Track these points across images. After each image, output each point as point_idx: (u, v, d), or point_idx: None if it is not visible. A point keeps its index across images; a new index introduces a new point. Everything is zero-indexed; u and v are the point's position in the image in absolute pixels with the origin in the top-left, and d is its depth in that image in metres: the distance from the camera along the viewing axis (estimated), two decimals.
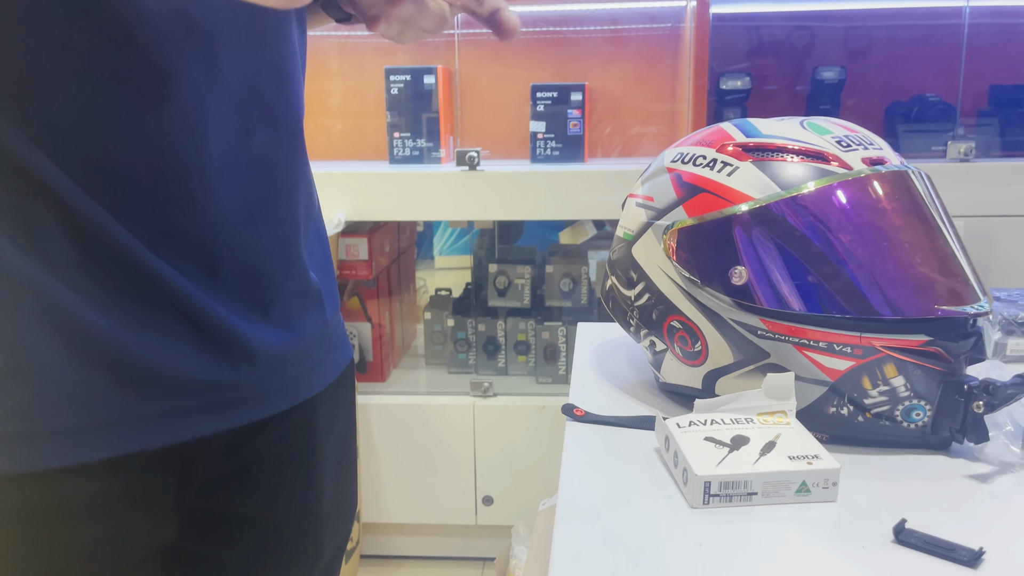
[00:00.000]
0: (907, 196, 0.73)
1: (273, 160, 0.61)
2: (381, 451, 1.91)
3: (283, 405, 0.64)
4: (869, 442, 0.73)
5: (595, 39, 2.01)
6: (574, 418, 0.81)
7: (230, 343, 0.58)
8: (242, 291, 0.59)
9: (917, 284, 0.70)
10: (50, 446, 0.51)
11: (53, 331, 0.51)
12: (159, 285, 0.54)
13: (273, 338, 0.62)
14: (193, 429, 0.57)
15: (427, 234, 2.69)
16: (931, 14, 1.93)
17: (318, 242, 0.71)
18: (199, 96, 0.54)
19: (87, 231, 0.51)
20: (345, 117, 2.09)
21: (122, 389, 0.53)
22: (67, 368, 0.51)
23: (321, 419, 0.70)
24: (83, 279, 0.52)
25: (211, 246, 0.57)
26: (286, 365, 0.64)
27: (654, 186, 0.82)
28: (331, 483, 0.72)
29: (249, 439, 0.63)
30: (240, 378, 0.60)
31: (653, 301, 0.81)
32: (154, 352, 0.54)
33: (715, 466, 0.63)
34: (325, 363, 0.70)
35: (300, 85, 0.65)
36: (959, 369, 0.70)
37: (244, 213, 0.59)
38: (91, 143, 0.51)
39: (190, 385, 0.56)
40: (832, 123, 0.79)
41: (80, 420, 0.52)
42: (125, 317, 0.53)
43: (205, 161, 0.55)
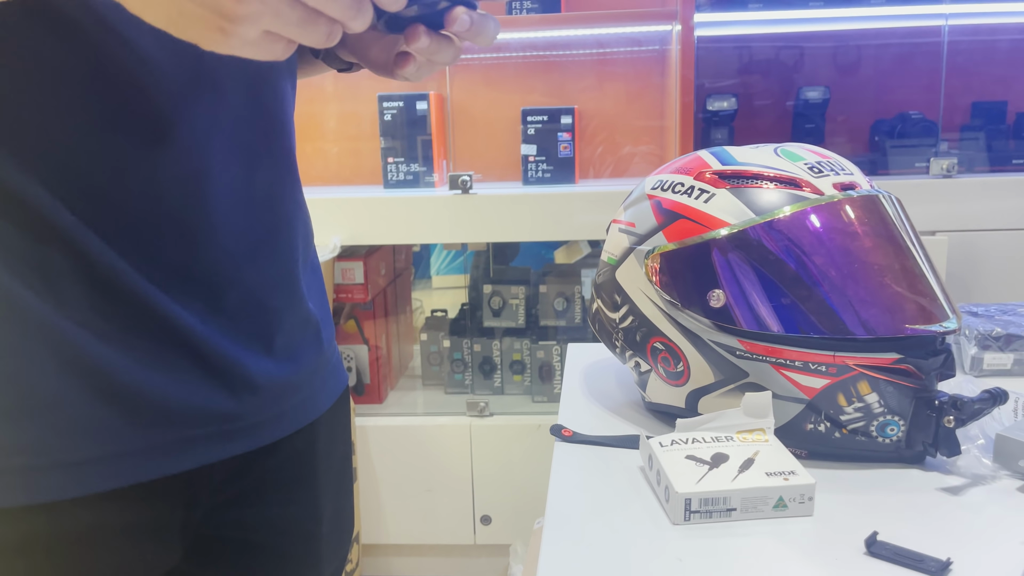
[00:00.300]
0: (877, 219, 0.76)
1: (272, 198, 0.64)
2: (380, 473, 1.93)
3: (283, 432, 0.67)
4: (846, 457, 0.75)
5: (583, 63, 2.05)
6: (562, 438, 0.83)
7: (233, 374, 0.61)
8: (245, 324, 0.62)
9: (887, 304, 0.73)
10: (61, 478, 0.53)
11: (64, 368, 0.53)
12: (165, 321, 0.57)
13: (274, 368, 0.65)
14: (199, 457, 0.60)
15: (424, 255, 2.72)
16: (911, 33, 1.97)
17: (312, 273, 0.74)
18: (202, 140, 0.57)
19: (96, 271, 0.54)
20: (341, 141, 2.13)
21: (131, 421, 0.55)
22: (78, 403, 0.54)
23: (319, 444, 0.72)
24: (93, 317, 0.54)
25: (215, 282, 0.59)
26: (286, 394, 0.66)
27: (636, 212, 0.85)
28: (330, 506, 0.75)
29: (251, 465, 0.66)
30: (243, 407, 0.62)
31: (637, 323, 0.84)
32: (161, 385, 0.57)
33: (695, 483, 0.66)
34: (322, 390, 0.72)
35: (292, 125, 0.68)
36: (930, 385, 0.72)
37: (246, 250, 0.61)
38: (100, 187, 0.53)
39: (195, 415, 0.59)
40: (805, 150, 0.82)
41: (91, 452, 0.54)
42: (133, 352, 0.55)
43: (209, 202, 0.58)
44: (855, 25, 1.97)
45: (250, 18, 0.40)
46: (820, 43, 2.03)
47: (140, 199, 0.55)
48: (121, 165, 0.54)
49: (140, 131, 0.54)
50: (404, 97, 1.91)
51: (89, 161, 0.53)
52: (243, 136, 0.61)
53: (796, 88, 1.99)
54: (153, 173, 0.55)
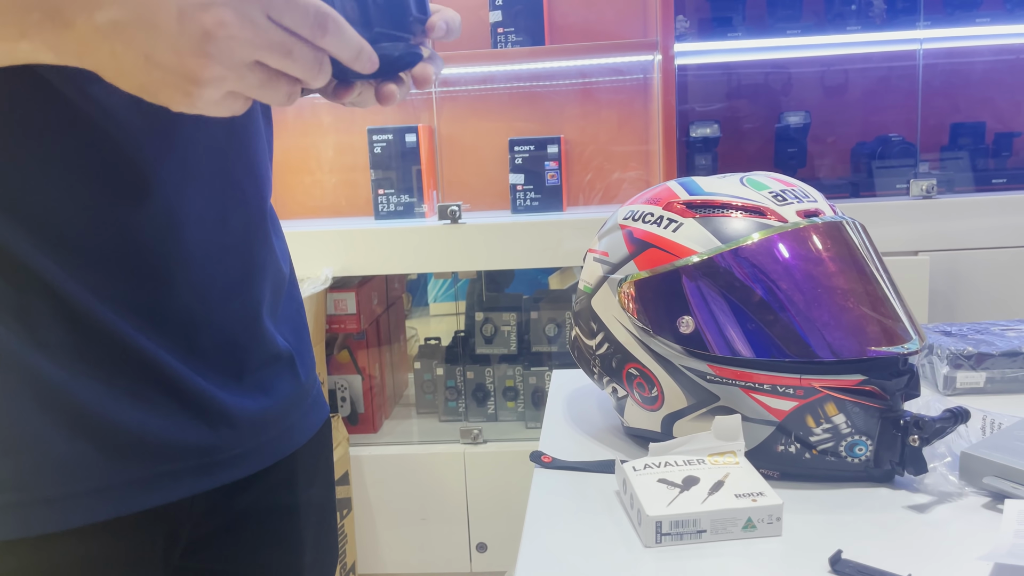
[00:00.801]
0: (841, 245, 0.79)
1: (244, 241, 0.67)
2: (375, 502, 1.94)
3: (262, 464, 0.69)
4: (818, 477, 0.77)
5: (569, 92, 2.09)
6: (542, 464, 0.85)
7: (209, 409, 0.63)
8: (217, 361, 0.64)
9: (851, 327, 0.75)
10: (44, 513, 0.55)
11: (46, 407, 0.55)
12: (142, 360, 0.59)
13: (249, 403, 0.67)
14: (179, 490, 0.61)
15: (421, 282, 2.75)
16: (888, 57, 2.02)
17: (291, 307, 0.76)
18: (176, 191, 0.59)
19: (75, 314, 0.56)
20: (334, 173, 2.17)
21: (111, 457, 0.57)
22: (60, 440, 0.56)
23: (300, 476, 0.74)
24: (71, 357, 0.56)
25: (188, 323, 0.62)
26: (263, 426, 0.68)
27: (609, 242, 0.87)
28: (311, 537, 0.76)
29: (231, 498, 0.67)
30: (221, 441, 0.64)
31: (612, 350, 0.86)
32: (139, 420, 0.59)
33: (666, 506, 0.67)
34: (302, 423, 0.74)
35: (267, 166, 0.71)
36: (895, 405, 0.74)
37: (218, 292, 0.64)
38: (79, 236, 0.56)
39: (174, 449, 0.61)
40: (771, 178, 0.84)
41: (72, 488, 0.56)
42: (112, 390, 0.58)
43: (183, 248, 0.60)
44: (834, 51, 2.01)
45: (214, 82, 0.43)
46: (801, 69, 2.07)
47: (117, 247, 0.57)
48: (99, 216, 0.56)
49: (118, 186, 0.57)
50: (394, 130, 1.94)
51: (68, 212, 0.55)
52: (217, 184, 0.63)
53: (778, 113, 2.02)
54: (130, 223, 0.57)
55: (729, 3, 1.93)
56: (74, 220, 0.56)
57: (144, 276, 0.59)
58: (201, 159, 0.62)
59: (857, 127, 2.05)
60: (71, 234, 0.56)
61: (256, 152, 0.68)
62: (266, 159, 0.70)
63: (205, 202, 0.62)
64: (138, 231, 0.58)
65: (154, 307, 0.60)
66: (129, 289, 0.58)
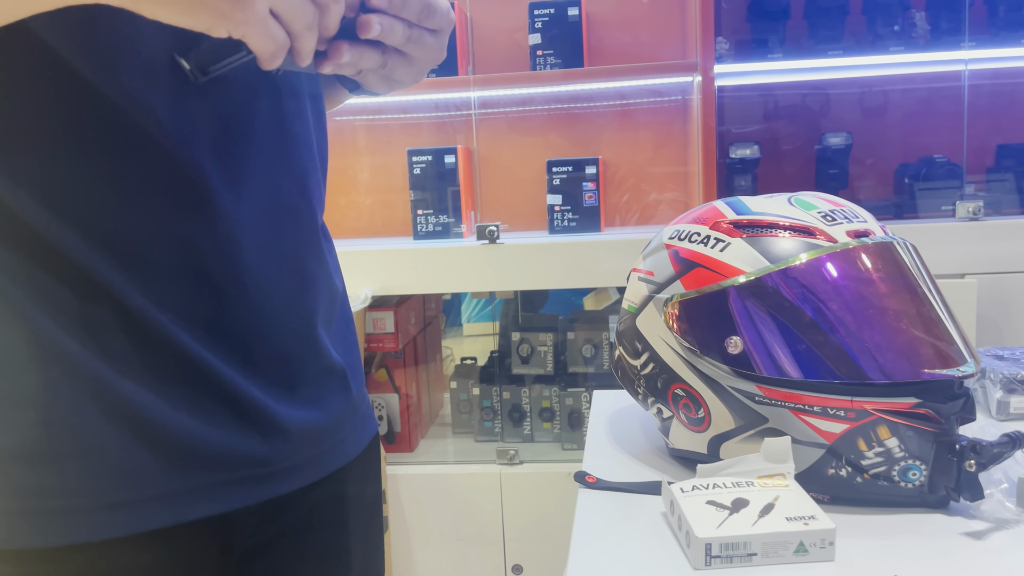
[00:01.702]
0: (892, 265, 0.78)
1: (298, 257, 0.68)
2: (410, 522, 1.94)
3: (313, 477, 0.70)
4: (869, 502, 0.76)
5: (607, 114, 2.09)
6: (586, 485, 0.84)
7: (264, 421, 0.64)
8: (271, 374, 0.65)
9: (904, 349, 0.74)
10: (106, 519, 0.56)
11: (106, 415, 0.57)
12: (200, 371, 0.60)
13: (302, 415, 0.68)
14: (233, 501, 0.63)
15: (455, 303, 2.76)
16: (932, 78, 1.99)
17: (343, 324, 0.77)
18: (233, 207, 0.61)
19: (137, 324, 0.58)
20: (373, 194, 2.19)
21: (168, 466, 0.59)
22: (118, 448, 0.57)
23: (350, 490, 0.75)
24: (133, 366, 0.58)
25: (244, 336, 0.63)
26: (315, 439, 0.69)
27: (654, 261, 0.87)
28: (360, 551, 0.77)
29: (283, 510, 0.68)
30: (275, 452, 0.65)
31: (657, 370, 0.85)
32: (197, 431, 0.60)
33: (716, 528, 0.66)
34: (352, 437, 0.75)
35: (319, 184, 0.72)
36: (950, 429, 0.73)
37: (273, 306, 0.65)
38: (143, 249, 0.58)
39: (230, 459, 0.62)
40: (819, 198, 0.84)
41: (132, 495, 0.57)
42: (172, 400, 0.59)
43: (240, 262, 0.62)
44: (876, 72, 2.00)
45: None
46: (842, 90, 2.05)
47: (178, 260, 0.59)
48: (161, 230, 0.58)
49: (179, 200, 0.58)
50: (433, 151, 1.96)
51: (131, 225, 0.57)
52: (270, 199, 0.65)
53: (819, 134, 2.01)
54: (190, 238, 0.59)
55: (769, 25, 1.93)
56: (137, 233, 0.57)
57: (203, 289, 0.60)
58: (256, 177, 0.63)
59: (900, 148, 2.03)
60: (134, 247, 0.57)
61: (307, 170, 0.69)
62: (318, 178, 0.72)
63: (260, 218, 0.64)
64: (198, 245, 0.60)
65: (211, 320, 0.61)
66: (188, 302, 0.60)
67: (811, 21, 1.93)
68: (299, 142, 0.68)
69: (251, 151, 0.63)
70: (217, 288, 0.61)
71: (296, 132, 0.68)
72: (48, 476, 0.56)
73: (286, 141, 0.67)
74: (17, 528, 0.55)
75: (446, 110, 2.13)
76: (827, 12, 1.90)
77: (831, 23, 1.90)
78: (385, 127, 2.15)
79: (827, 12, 1.90)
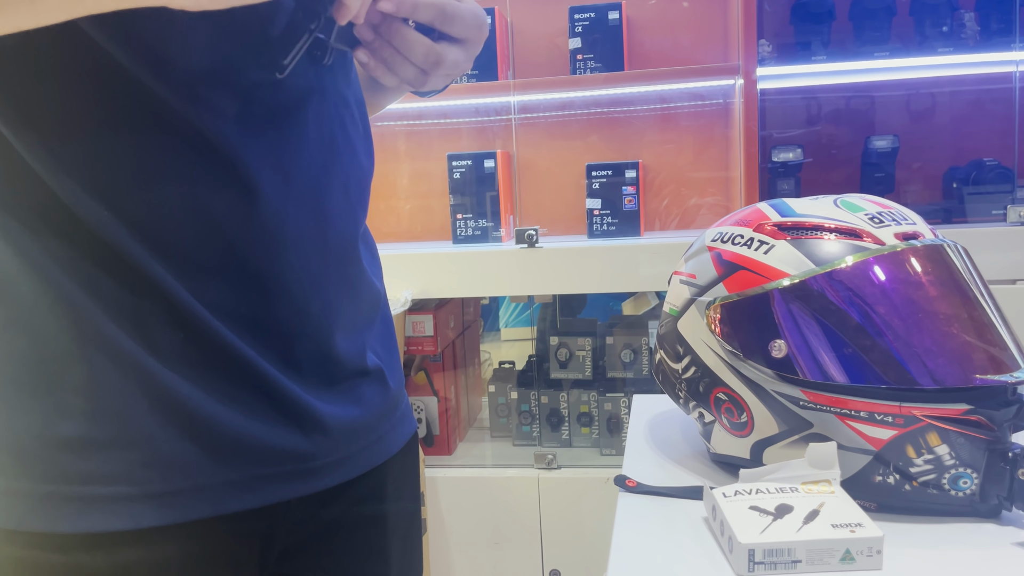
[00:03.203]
0: (942, 268, 0.76)
1: (340, 259, 0.69)
2: (448, 524, 1.95)
3: (353, 473, 0.71)
4: (918, 511, 0.74)
5: (647, 118, 2.08)
6: (626, 489, 0.84)
7: (304, 416, 0.65)
8: (311, 371, 0.66)
9: (955, 354, 0.72)
10: (149, 508, 0.58)
11: (154, 406, 0.58)
12: (243, 366, 0.62)
13: (342, 412, 0.69)
14: (275, 494, 0.64)
15: (492, 307, 2.76)
16: (982, 80, 1.95)
17: (383, 324, 0.78)
18: (278, 206, 0.62)
19: (183, 319, 0.59)
20: (412, 199, 2.21)
21: (211, 457, 0.60)
22: (165, 438, 0.59)
23: (389, 487, 0.76)
24: (179, 360, 0.59)
25: (286, 333, 0.64)
26: (355, 436, 0.70)
27: (696, 264, 0.86)
28: (398, 550, 0.77)
29: (324, 507, 0.69)
30: (315, 448, 0.66)
31: (699, 374, 0.84)
32: (240, 424, 0.61)
33: (759, 534, 0.65)
34: (390, 434, 0.76)
35: (361, 187, 0.73)
36: (1004, 437, 0.71)
37: (315, 304, 0.66)
38: (190, 246, 0.59)
39: (271, 454, 0.63)
40: (866, 200, 0.82)
41: (176, 485, 0.59)
42: (215, 394, 0.60)
43: (284, 261, 0.63)
44: (923, 74, 1.96)
45: None
46: (888, 92, 2.02)
47: (223, 257, 0.60)
48: (208, 228, 0.60)
49: (227, 198, 0.60)
50: (472, 156, 1.97)
51: (178, 222, 0.59)
52: (315, 204, 0.66)
53: (864, 137, 1.97)
54: (236, 236, 0.60)
55: (813, 27, 1.90)
56: (184, 229, 0.59)
57: (247, 286, 0.62)
58: (301, 178, 0.64)
59: (948, 151, 1.98)
60: (182, 243, 0.59)
61: (351, 174, 0.70)
62: (362, 182, 0.73)
63: (304, 219, 0.65)
64: (243, 244, 0.61)
65: (254, 316, 0.62)
66: (233, 298, 0.61)
67: (856, 23, 1.90)
68: (345, 146, 0.69)
69: (300, 153, 0.64)
70: (261, 286, 0.62)
71: (342, 136, 0.69)
72: (93, 463, 0.57)
73: (332, 144, 0.68)
74: (62, 513, 0.57)
75: (486, 115, 2.14)
76: (873, 13, 1.87)
77: (877, 24, 1.87)
78: (425, 132, 2.16)
79: (873, 13, 1.87)
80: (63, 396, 0.57)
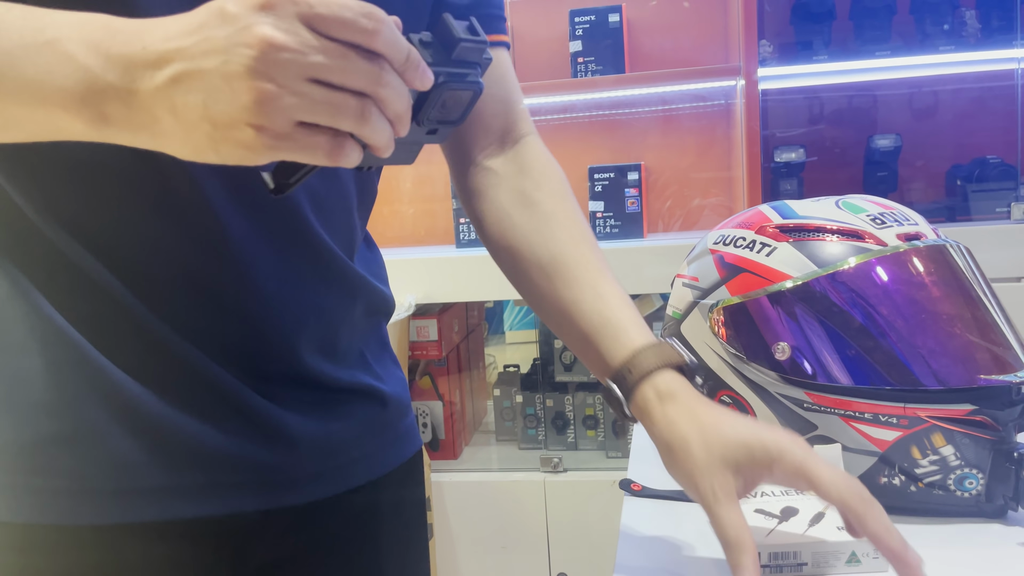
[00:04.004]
0: (945, 269, 0.76)
1: (318, 286, 0.66)
2: (455, 529, 1.95)
3: (330, 491, 0.68)
4: (924, 512, 0.74)
5: (649, 119, 2.09)
6: (632, 492, 0.84)
7: (270, 428, 0.63)
8: (283, 385, 0.64)
9: (959, 354, 0.72)
10: (90, 504, 0.58)
11: (103, 402, 0.58)
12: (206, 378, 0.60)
13: (315, 426, 0.66)
14: (232, 504, 0.62)
15: (496, 310, 2.76)
16: (984, 77, 1.94)
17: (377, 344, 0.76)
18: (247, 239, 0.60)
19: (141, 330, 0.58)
20: (415, 203, 2.21)
21: (161, 460, 0.59)
22: (113, 436, 0.58)
23: (383, 506, 0.73)
24: (135, 363, 0.59)
25: (257, 351, 0.63)
26: (331, 452, 0.68)
27: (699, 267, 0.86)
28: (394, 568, 0.75)
29: (308, 522, 0.67)
30: (279, 461, 0.64)
31: (703, 377, 0.84)
32: (195, 430, 0.60)
33: (764, 537, 0.65)
34: (381, 452, 0.73)
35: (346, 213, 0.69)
36: (1008, 437, 0.71)
37: (291, 329, 0.64)
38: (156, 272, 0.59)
39: (228, 462, 0.62)
40: (868, 201, 0.82)
41: (123, 484, 0.58)
42: (174, 402, 0.59)
43: (256, 289, 0.61)
44: (925, 72, 1.96)
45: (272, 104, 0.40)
46: (890, 91, 2.02)
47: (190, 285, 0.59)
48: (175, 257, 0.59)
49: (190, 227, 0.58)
50: None
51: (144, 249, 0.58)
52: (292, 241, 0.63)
53: (867, 136, 1.97)
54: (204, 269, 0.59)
55: (814, 26, 1.90)
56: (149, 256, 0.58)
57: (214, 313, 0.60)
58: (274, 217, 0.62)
59: (952, 149, 1.98)
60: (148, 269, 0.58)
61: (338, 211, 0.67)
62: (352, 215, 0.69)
63: (274, 250, 0.62)
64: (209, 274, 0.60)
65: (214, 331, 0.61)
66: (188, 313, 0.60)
67: (857, 22, 1.90)
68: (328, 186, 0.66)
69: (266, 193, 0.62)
70: (227, 313, 0.61)
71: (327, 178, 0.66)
72: (37, 455, 0.57)
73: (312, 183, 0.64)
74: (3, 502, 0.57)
75: None
76: (874, 12, 1.87)
77: (878, 23, 1.87)
78: None
79: (874, 12, 1.87)
80: (14, 387, 0.57)
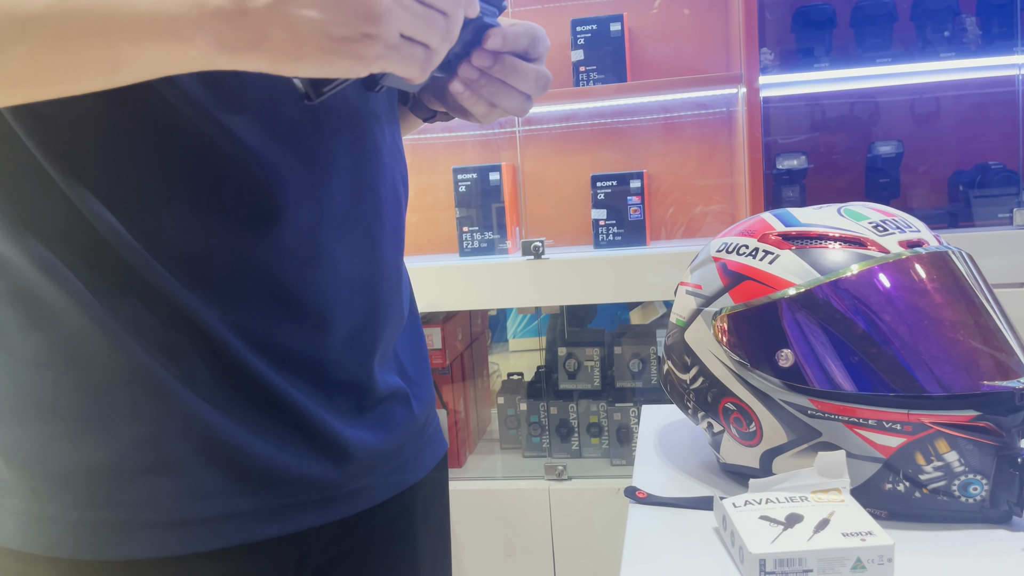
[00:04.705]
0: (947, 275, 0.76)
1: (372, 285, 0.69)
2: (460, 537, 1.95)
3: (379, 498, 0.71)
4: (928, 518, 0.74)
5: (651, 127, 2.09)
6: (636, 500, 0.84)
7: (332, 445, 0.66)
8: (339, 398, 0.67)
9: (962, 360, 0.72)
10: (177, 535, 0.58)
11: (186, 435, 0.59)
12: (274, 395, 0.62)
13: (368, 437, 0.69)
14: (302, 522, 0.64)
15: (500, 318, 2.76)
16: (985, 83, 1.95)
17: (415, 348, 0.78)
18: (310, 233, 0.62)
19: (216, 350, 0.60)
20: (418, 212, 2.22)
21: (241, 486, 0.60)
22: (195, 466, 0.59)
23: (419, 507, 0.77)
24: (211, 390, 0.60)
25: (315, 361, 0.65)
26: (381, 461, 0.71)
27: (702, 275, 0.86)
28: (428, 566, 0.78)
29: (354, 527, 0.70)
30: (342, 475, 0.67)
31: (707, 384, 0.85)
32: (269, 454, 0.62)
33: (770, 543, 0.66)
34: (418, 456, 0.76)
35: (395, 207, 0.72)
36: (1012, 443, 0.71)
37: (346, 333, 0.67)
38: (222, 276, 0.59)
39: (299, 482, 0.64)
40: (870, 208, 0.83)
41: (206, 513, 0.59)
42: (245, 424, 0.61)
43: (315, 289, 0.63)
44: (926, 78, 1.96)
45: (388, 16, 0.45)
46: (891, 97, 2.02)
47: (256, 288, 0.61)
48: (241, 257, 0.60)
49: (257, 227, 0.60)
50: (478, 169, 1.98)
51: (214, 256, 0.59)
52: (348, 230, 0.66)
53: (868, 143, 1.98)
54: (269, 266, 0.61)
55: (815, 34, 1.91)
56: (219, 263, 0.59)
57: (279, 317, 0.62)
58: (334, 204, 0.64)
59: (953, 156, 1.98)
60: (216, 276, 0.59)
61: (387, 200, 0.70)
62: (399, 208, 0.73)
63: (336, 245, 0.65)
64: (275, 275, 0.61)
65: (285, 344, 0.62)
66: (264, 326, 0.61)
67: (858, 29, 1.90)
68: (379, 174, 0.69)
69: (334, 184, 0.64)
70: (290, 314, 0.63)
71: (376, 164, 0.69)
72: (121, 490, 0.58)
73: (367, 173, 0.68)
74: (89, 540, 0.57)
75: (490, 128, 2.15)
76: (874, 20, 1.88)
77: (879, 31, 1.87)
78: (430, 146, 2.18)
79: (874, 20, 1.88)
80: (95, 423, 0.58)
